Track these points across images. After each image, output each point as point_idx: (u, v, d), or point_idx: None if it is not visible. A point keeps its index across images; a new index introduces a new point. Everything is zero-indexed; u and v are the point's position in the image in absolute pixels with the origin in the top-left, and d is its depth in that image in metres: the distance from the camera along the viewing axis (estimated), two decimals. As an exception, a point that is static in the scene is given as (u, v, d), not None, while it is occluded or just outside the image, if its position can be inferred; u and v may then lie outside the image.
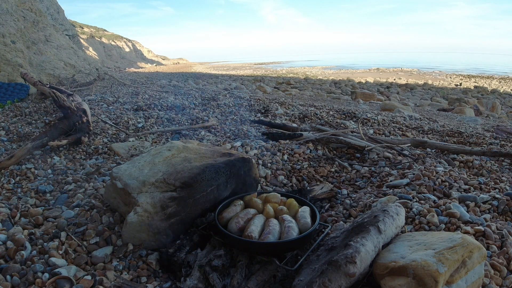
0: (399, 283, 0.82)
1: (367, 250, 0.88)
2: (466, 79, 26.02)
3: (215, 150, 1.61)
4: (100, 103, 4.09)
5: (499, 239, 1.19)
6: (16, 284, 1.00)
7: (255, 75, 25.32)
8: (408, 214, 1.37)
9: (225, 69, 41.74)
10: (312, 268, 0.93)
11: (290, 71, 36.15)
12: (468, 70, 43.15)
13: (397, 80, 23.74)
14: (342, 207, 1.58)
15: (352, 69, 43.22)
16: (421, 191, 1.63)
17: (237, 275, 1.05)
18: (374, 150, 2.37)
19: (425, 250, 0.88)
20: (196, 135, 2.86)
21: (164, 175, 1.34)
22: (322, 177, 2.04)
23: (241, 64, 60.23)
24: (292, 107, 4.56)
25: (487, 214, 1.40)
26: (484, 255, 0.89)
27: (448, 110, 8.65)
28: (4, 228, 1.29)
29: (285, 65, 59.43)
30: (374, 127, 3.51)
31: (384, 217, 1.01)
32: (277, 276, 1.08)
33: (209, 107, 4.18)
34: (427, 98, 13.75)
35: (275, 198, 1.34)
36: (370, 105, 7.81)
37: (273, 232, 1.09)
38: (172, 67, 49.07)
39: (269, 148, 2.26)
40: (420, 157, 2.29)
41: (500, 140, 3.17)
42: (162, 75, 16.77)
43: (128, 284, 1.05)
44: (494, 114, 9.24)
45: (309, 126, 3.21)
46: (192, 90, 6.08)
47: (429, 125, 4.07)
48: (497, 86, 21.00)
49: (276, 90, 12.97)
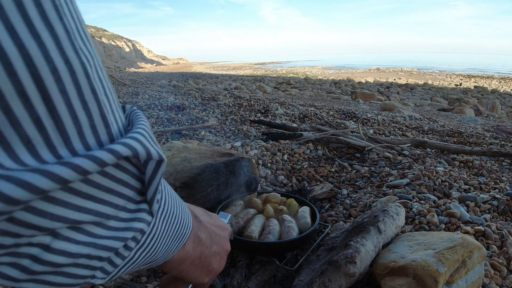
0: (399, 283, 0.82)
1: (367, 250, 0.88)
2: (466, 79, 26.04)
3: (215, 150, 1.61)
4: (100, 103, 4.08)
5: (499, 239, 1.19)
6: (16, 284, 1.00)
7: (255, 75, 25.33)
8: (408, 214, 1.37)
9: (225, 69, 41.71)
10: (312, 268, 0.93)
11: (290, 71, 36.12)
12: (468, 70, 43.14)
13: (397, 80, 23.76)
14: (342, 207, 1.58)
15: (352, 69, 43.23)
16: (421, 191, 1.62)
17: (237, 275, 1.06)
18: (374, 150, 2.37)
19: (425, 250, 0.88)
20: (196, 135, 2.86)
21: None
22: (322, 177, 2.04)
23: (241, 64, 60.13)
24: (292, 107, 4.56)
25: (487, 214, 1.40)
26: (484, 255, 0.89)
27: (448, 110, 8.65)
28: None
29: (285, 65, 59.35)
30: (374, 127, 3.52)
31: (384, 217, 1.01)
32: (277, 276, 1.08)
33: (209, 107, 4.18)
34: (427, 98, 13.77)
35: (275, 198, 1.34)
36: (370, 105, 7.81)
37: (273, 232, 1.09)
38: (172, 67, 48.97)
39: (269, 148, 2.26)
40: (420, 157, 2.29)
41: (500, 140, 3.17)
42: (162, 75, 16.77)
43: (128, 284, 1.05)
44: (494, 114, 9.25)
45: (309, 126, 3.21)
46: (192, 90, 6.08)
47: (429, 125, 4.07)
48: (497, 86, 21.02)
49: (276, 90, 12.98)
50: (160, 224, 0.35)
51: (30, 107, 0.20)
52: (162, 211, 0.35)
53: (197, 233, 0.45)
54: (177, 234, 0.39)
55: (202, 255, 0.47)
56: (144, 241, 0.33)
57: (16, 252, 0.24)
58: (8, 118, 0.20)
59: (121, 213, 0.30)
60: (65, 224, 0.25)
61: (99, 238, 0.28)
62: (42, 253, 0.25)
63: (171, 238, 0.37)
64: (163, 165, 0.31)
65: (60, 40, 0.21)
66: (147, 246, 0.33)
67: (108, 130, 0.27)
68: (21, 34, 0.19)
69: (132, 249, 0.32)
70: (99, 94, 0.25)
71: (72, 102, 0.23)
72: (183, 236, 0.40)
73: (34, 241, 0.24)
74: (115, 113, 0.28)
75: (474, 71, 39.27)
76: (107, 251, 0.29)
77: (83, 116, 0.24)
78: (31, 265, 0.25)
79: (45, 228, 0.24)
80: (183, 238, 0.40)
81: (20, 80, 0.19)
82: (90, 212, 0.26)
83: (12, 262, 0.24)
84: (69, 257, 0.26)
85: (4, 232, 0.22)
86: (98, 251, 0.28)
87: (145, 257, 0.34)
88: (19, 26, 0.19)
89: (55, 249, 0.25)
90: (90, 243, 0.27)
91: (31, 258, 0.25)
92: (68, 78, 0.22)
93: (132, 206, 0.31)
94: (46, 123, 0.22)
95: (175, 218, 0.38)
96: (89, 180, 0.25)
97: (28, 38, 0.19)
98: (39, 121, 0.21)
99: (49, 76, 0.20)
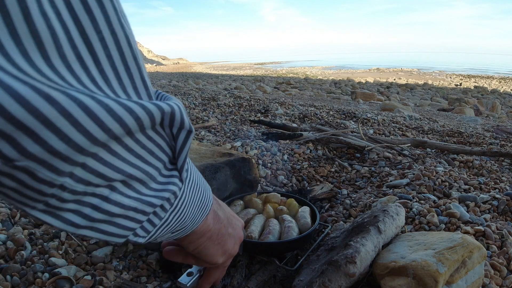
0: (399, 283, 0.82)
1: (367, 250, 0.88)
2: (466, 79, 26.05)
3: (215, 150, 1.61)
4: (100, 103, 4.09)
5: (499, 239, 1.19)
6: (16, 284, 1.00)
7: (255, 75, 25.34)
8: (408, 214, 1.37)
9: (225, 69, 41.75)
10: (312, 268, 0.93)
11: (290, 71, 36.15)
12: (468, 70, 43.17)
13: (397, 80, 23.77)
14: (342, 207, 1.58)
15: (352, 69, 43.26)
16: (421, 191, 1.62)
17: (237, 275, 1.05)
18: (374, 150, 2.37)
19: (425, 250, 0.88)
20: (196, 135, 2.86)
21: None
22: (322, 177, 2.04)
23: (241, 64, 60.19)
24: (292, 107, 4.56)
25: (487, 214, 1.40)
26: (484, 255, 0.89)
27: (448, 110, 8.65)
28: (4, 228, 1.29)
29: (285, 65, 59.40)
30: (374, 127, 3.52)
31: (384, 217, 1.01)
32: (277, 276, 1.08)
33: (209, 107, 4.18)
34: (427, 98, 13.76)
35: (275, 198, 1.34)
36: (370, 105, 7.81)
37: (273, 232, 1.09)
38: (172, 67, 49.02)
39: (269, 148, 2.26)
40: (420, 157, 2.29)
41: (500, 140, 3.17)
42: (162, 75, 16.77)
43: (128, 284, 1.05)
44: (494, 114, 9.25)
45: (309, 126, 3.21)
46: (192, 90, 6.08)
47: (429, 125, 4.07)
48: (497, 86, 21.02)
49: (276, 90, 12.98)
50: (188, 191, 0.39)
51: (85, 67, 0.25)
52: (189, 180, 0.39)
53: (216, 211, 0.50)
54: (202, 203, 0.43)
55: (220, 233, 0.51)
56: (176, 205, 0.37)
57: (81, 201, 0.28)
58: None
59: (159, 177, 0.34)
60: (123, 176, 0.29)
61: (144, 196, 0.32)
62: (101, 203, 0.29)
63: (197, 206, 0.42)
64: (191, 135, 0.35)
65: (109, 16, 0.26)
66: (178, 210, 0.38)
67: (148, 92, 0.31)
68: (77, 11, 0.24)
69: (167, 211, 0.36)
70: (139, 60, 0.29)
71: (116, 65, 0.27)
72: (206, 206, 0.45)
73: (96, 191, 0.29)
74: (149, 83, 0.32)
75: (474, 71, 39.27)
76: (150, 207, 0.33)
77: (125, 78, 0.28)
78: (91, 213, 0.29)
79: (108, 178, 0.28)
80: (206, 208, 0.45)
81: (77, 45, 0.24)
82: (140, 169, 0.31)
83: (77, 209, 0.29)
84: (122, 208, 0.31)
85: (79, 179, 0.26)
86: (144, 205, 0.33)
87: (176, 221, 0.39)
88: (77, 5, 0.24)
89: (112, 200, 0.30)
90: (138, 198, 0.32)
91: (92, 207, 0.29)
92: (113, 46, 0.26)
93: (165, 172, 0.35)
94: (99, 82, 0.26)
95: (199, 189, 0.42)
96: (138, 140, 0.30)
97: (83, 14, 0.24)
98: (95, 81, 0.26)
99: (98, 44, 0.25)
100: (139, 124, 0.27)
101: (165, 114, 0.30)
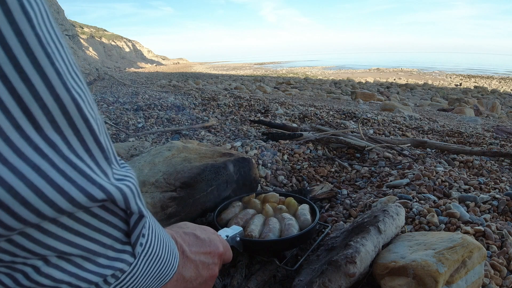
0: (399, 283, 0.82)
1: (367, 250, 0.88)
2: (466, 79, 26.05)
3: (215, 150, 1.61)
4: (100, 103, 4.09)
5: (499, 239, 1.19)
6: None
7: (255, 75, 25.33)
8: (408, 214, 1.36)
9: (225, 69, 41.72)
10: (312, 268, 0.93)
11: (290, 71, 36.13)
12: (468, 70, 43.16)
13: (397, 80, 23.76)
14: (342, 207, 1.58)
15: (352, 69, 43.24)
16: (421, 191, 1.62)
17: (237, 275, 1.05)
18: (374, 150, 2.37)
19: (425, 250, 0.88)
20: (196, 135, 2.86)
21: (164, 175, 1.34)
22: (322, 177, 2.03)
23: (241, 64, 60.14)
24: (292, 107, 4.56)
25: (487, 214, 1.40)
26: (484, 255, 0.89)
27: (448, 110, 8.65)
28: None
29: (285, 65, 59.37)
30: (374, 127, 3.51)
31: (384, 217, 1.01)
32: (277, 276, 1.08)
33: (209, 107, 4.18)
34: (427, 98, 13.76)
35: (274, 198, 1.34)
36: (370, 105, 7.81)
37: (274, 230, 1.09)
38: (172, 67, 48.99)
39: (269, 148, 2.25)
40: (420, 157, 2.29)
41: (500, 140, 3.17)
42: (162, 75, 16.77)
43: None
44: (494, 114, 9.25)
45: (309, 126, 3.21)
46: (192, 90, 6.08)
47: (429, 125, 4.07)
48: (497, 86, 21.02)
49: (276, 90, 12.98)
50: (142, 265, 0.38)
51: (27, 137, 0.24)
52: (146, 253, 0.38)
53: (181, 272, 0.48)
54: (159, 274, 0.41)
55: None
56: (123, 279, 0.36)
57: (12, 267, 0.28)
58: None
59: (110, 252, 0.33)
60: (54, 253, 0.29)
61: (83, 271, 0.32)
62: (32, 272, 0.29)
63: (152, 278, 0.40)
64: (143, 220, 0.34)
65: (50, 81, 0.25)
66: (126, 283, 0.36)
67: (105, 155, 0.30)
68: (14, 82, 0.23)
69: (111, 284, 0.35)
70: (91, 122, 0.28)
71: (63, 129, 0.26)
72: (166, 276, 0.43)
73: (28, 262, 0.29)
74: (107, 145, 0.31)
75: (474, 71, 39.25)
76: (87, 283, 0.32)
77: (74, 141, 0.27)
78: (22, 280, 0.29)
79: (36, 253, 0.28)
80: (165, 277, 0.43)
81: (13, 115, 0.23)
82: (78, 247, 0.30)
83: (8, 272, 0.29)
84: (53, 281, 0.30)
85: (4, 250, 0.26)
86: (79, 281, 0.31)
87: None
88: (12, 76, 0.23)
89: (43, 273, 0.29)
90: (74, 273, 0.31)
91: (23, 274, 0.29)
92: (58, 111, 0.25)
93: (119, 246, 0.34)
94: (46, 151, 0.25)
95: (158, 260, 0.40)
96: (78, 218, 0.29)
97: (19, 83, 0.23)
98: (38, 148, 0.25)
99: (39, 111, 0.24)
100: (75, 204, 0.26)
101: (113, 198, 0.29)
